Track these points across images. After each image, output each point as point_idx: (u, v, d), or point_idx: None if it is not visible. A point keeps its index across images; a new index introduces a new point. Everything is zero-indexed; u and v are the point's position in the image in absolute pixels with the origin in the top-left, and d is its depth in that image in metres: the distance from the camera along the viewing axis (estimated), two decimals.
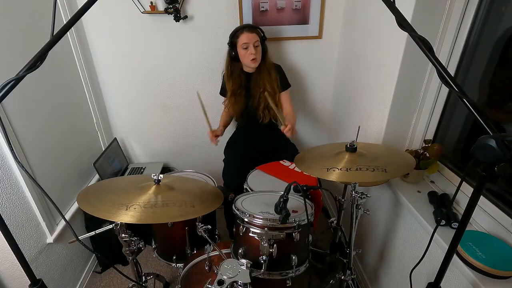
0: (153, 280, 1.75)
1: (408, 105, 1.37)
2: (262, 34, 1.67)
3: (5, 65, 1.32)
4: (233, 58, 1.69)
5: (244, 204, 1.16)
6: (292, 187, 1.02)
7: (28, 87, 1.46)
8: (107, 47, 1.97)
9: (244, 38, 1.60)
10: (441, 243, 1.03)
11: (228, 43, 1.68)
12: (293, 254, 1.07)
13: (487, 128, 0.56)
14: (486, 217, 1.05)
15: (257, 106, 1.79)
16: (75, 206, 1.77)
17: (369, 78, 1.59)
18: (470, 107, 0.58)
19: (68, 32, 0.68)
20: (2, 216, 0.70)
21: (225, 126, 1.94)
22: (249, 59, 1.64)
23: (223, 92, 1.88)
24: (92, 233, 1.17)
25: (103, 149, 2.04)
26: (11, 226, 1.34)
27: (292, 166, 1.65)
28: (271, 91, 1.72)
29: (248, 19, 1.92)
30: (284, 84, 1.82)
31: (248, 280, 0.93)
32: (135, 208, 0.95)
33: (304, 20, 1.96)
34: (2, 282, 1.44)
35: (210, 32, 1.96)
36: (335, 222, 1.49)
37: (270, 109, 1.76)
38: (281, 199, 1.00)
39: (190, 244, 1.41)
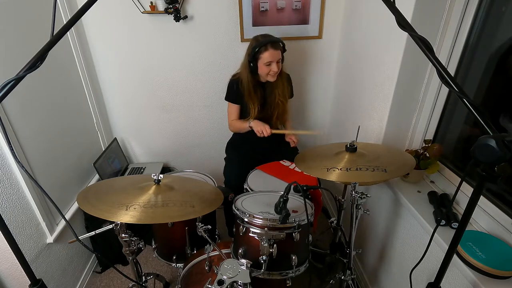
0: (153, 280, 1.75)
1: (408, 105, 1.37)
2: (283, 47, 1.61)
3: (5, 65, 1.32)
4: (252, 71, 1.62)
5: (244, 204, 1.16)
6: (292, 187, 1.02)
7: (28, 87, 1.45)
8: (107, 47, 1.97)
9: (268, 56, 1.53)
10: (441, 243, 1.03)
11: (248, 55, 1.59)
12: (293, 254, 1.07)
13: (487, 128, 0.56)
14: (486, 217, 1.05)
15: (271, 115, 1.79)
16: (75, 206, 1.77)
17: (369, 78, 1.59)
18: (470, 107, 0.58)
19: (68, 32, 0.68)
20: (2, 216, 0.70)
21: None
22: (269, 75, 1.61)
23: (230, 98, 1.79)
24: (92, 233, 1.17)
25: (103, 149, 2.04)
26: (11, 226, 1.34)
27: (292, 166, 1.65)
28: (283, 100, 1.76)
29: (248, 19, 1.92)
30: (292, 93, 1.87)
31: (248, 280, 0.93)
32: (135, 208, 0.95)
33: (304, 20, 1.96)
34: (2, 282, 1.44)
35: (210, 32, 1.96)
36: (335, 222, 1.49)
37: (281, 116, 1.81)
38: (281, 199, 1.00)
39: (190, 244, 1.41)
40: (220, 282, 0.91)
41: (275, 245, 1.04)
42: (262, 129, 1.64)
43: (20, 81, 0.63)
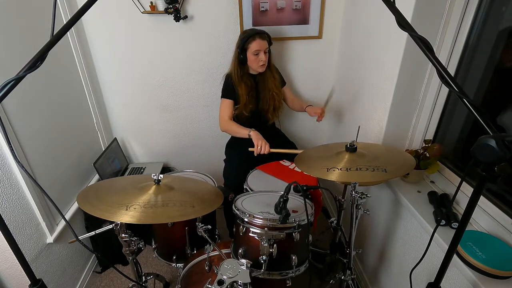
0: (153, 280, 1.75)
1: (408, 105, 1.37)
2: (269, 39, 1.68)
3: (5, 65, 1.32)
4: (241, 62, 1.70)
5: (244, 204, 1.16)
6: (292, 187, 1.02)
7: (28, 87, 1.45)
8: (107, 47, 1.97)
9: (256, 45, 1.62)
10: (441, 243, 1.03)
11: (238, 47, 1.67)
12: (293, 254, 1.07)
13: (487, 128, 0.56)
14: (486, 217, 1.05)
15: (267, 108, 1.83)
16: (75, 206, 1.77)
17: (369, 78, 1.59)
18: (470, 107, 0.58)
19: (68, 32, 0.68)
20: (2, 216, 0.70)
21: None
22: (258, 65, 1.68)
23: (224, 93, 1.81)
24: (92, 233, 1.17)
25: (103, 149, 2.04)
26: (11, 226, 1.34)
27: (292, 166, 1.65)
28: (277, 91, 1.81)
29: (248, 19, 1.92)
30: (283, 81, 1.93)
31: (248, 280, 0.93)
32: (135, 208, 0.95)
33: (304, 20, 1.96)
34: (2, 282, 1.44)
35: (210, 32, 1.96)
36: (335, 222, 1.49)
37: (277, 110, 1.85)
38: (281, 199, 1.00)
39: (190, 244, 1.41)
40: (220, 282, 0.91)
41: (275, 245, 1.04)
42: (261, 145, 1.55)
43: (20, 81, 0.63)
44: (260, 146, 1.55)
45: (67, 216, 1.71)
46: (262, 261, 1.04)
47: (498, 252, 0.92)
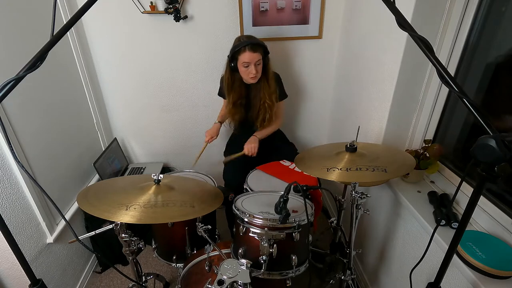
0: (153, 280, 1.75)
1: (408, 105, 1.37)
2: (264, 49, 1.59)
3: (5, 65, 1.32)
4: (232, 69, 1.63)
5: (244, 204, 1.16)
6: (292, 187, 1.02)
7: (28, 87, 1.45)
8: (107, 47, 1.97)
9: (245, 57, 1.53)
10: (441, 243, 1.03)
11: (228, 56, 1.61)
12: (293, 254, 1.07)
13: (487, 128, 0.56)
14: (486, 217, 1.05)
15: (256, 117, 1.77)
16: (75, 206, 1.77)
17: (369, 78, 1.59)
18: (470, 107, 0.58)
19: (68, 32, 0.69)
20: (2, 216, 0.70)
21: (223, 121, 1.87)
22: (248, 77, 1.60)
23: (222, 94, 1.85)
24: (92, 233, 1.17)
25: (103, 149, 2.04)
26: (11, 226, 1.34)
27: (292, 166, 1.65)
28: (270, 103, 1.71)
29: (248, 19, 1.92)
30: (281, 95, 1.79)
31: (248, 280, 0.93)
32: (135, 208, 0.95)
33: (304, 20, 1.96)
34: (2, 282, 1.44)
35: (210, 32, 1.96)
36: (335, 222, 1.49)
37: (268, 120, 1.75)
38: (281, 199, 1.00)
39: (190, 244, 1.41)
40: (220, 282, 0.91)
41: (275, 245, 1.04)
42: (210, 135, 1.78)
43: (20, 81, 0.63)
44: (210, 136, 1.78)
45: (67, 216, 1.71)
46: (262, 261, 1.04)
47: (498, 252, 0.92)
